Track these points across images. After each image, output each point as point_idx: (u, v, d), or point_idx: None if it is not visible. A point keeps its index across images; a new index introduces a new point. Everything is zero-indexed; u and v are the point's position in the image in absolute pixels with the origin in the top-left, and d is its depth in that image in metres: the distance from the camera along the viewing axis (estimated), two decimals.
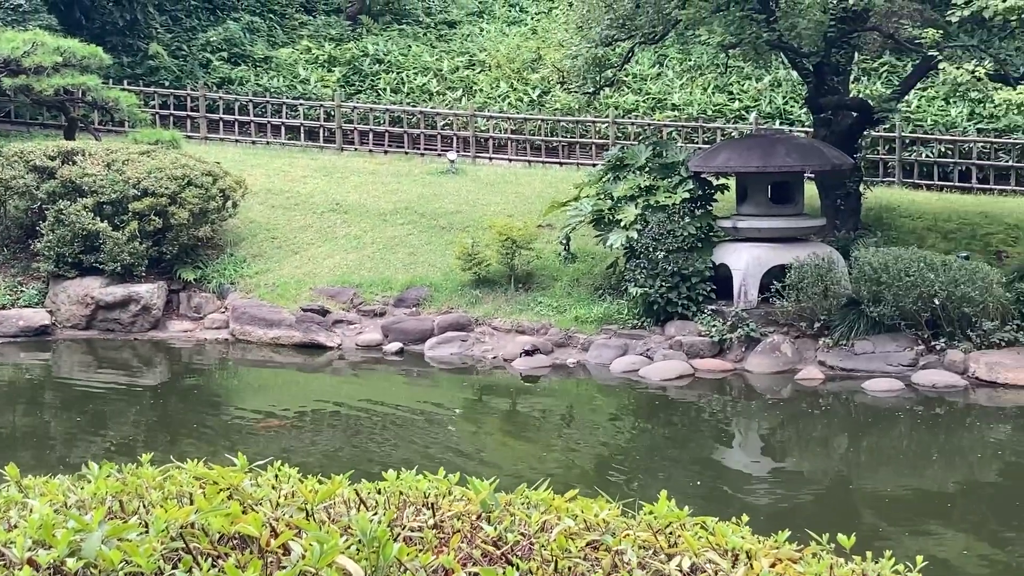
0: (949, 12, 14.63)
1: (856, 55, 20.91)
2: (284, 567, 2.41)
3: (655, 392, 14.84)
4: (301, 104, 27.67)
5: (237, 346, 17.57)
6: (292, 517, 2.74)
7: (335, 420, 13.66)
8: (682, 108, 26.39)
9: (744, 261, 16.29)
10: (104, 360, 17.05)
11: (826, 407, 14.05)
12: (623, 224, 16.61)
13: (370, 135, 27.28)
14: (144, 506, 2.89)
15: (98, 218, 18.33)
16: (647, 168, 17.17)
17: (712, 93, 26.72)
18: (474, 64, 29.60)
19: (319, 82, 29.11)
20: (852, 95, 19.83)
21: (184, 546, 2.50)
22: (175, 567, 2.44)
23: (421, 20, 32.23)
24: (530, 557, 2.64)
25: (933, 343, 15.06)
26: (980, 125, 24.35)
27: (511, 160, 26.37)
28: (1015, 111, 22.92)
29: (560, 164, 25.91)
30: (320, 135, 27.29)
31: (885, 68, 26.46)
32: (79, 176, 18.63)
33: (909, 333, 15.26)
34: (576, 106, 25.25)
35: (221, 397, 15.53)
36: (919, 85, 23.77)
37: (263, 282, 18.82)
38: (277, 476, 3.25)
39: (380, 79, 29.36)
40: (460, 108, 27.51)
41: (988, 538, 9.59)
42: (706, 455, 12.32)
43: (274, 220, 20.68)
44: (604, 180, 17.53)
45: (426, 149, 27.00)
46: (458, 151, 25.63)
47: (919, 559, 2.90)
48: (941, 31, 15.85)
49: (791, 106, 25.76)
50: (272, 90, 28.68)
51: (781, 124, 24.94)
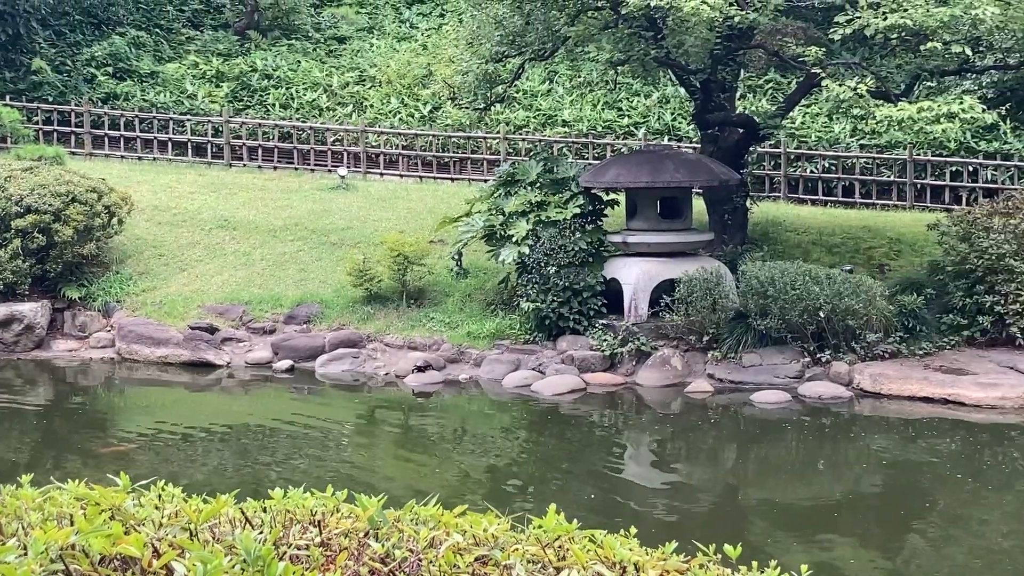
0: (832, 30, 14.93)
1: (742, 72, 21.22)
2: None
3: (547, 407, 14.88)
4: (188, 119, 27.32)
5: (124, 365, 17.26)
6: (175, 537, 2.69)
7: (224, 439, 13.47)
8: (572, 124, 26.58)
9: (634, 275, 16.43)
10: None
11: (715, 419, 14.21)
12: (515, 239, 16.66)
13: (259, 151, 27.04)
14: (23, 528, 2.82)
15: None
16: (538, 184, 17.25)
17: (602, 109, 26.96)
18: (364, 80, 29.51)
19: (207, 97, 28.79)
20: (738, 112, 20.14)
21: (64, 568, 2.44)
22: None
23: (310, 35, 32.06)
24: (418, 573, 2.62)
25: (819, 355, 15.32)
26: (863, 141, 24.89)
27: (402, 176, 26.31)
28: (896, 127, 23.36)
29: (452, 180, 25.92)
30: (208, 151, 26.99)
31: (770, 85, 26.93)
32: None
33: (795, 346, 15.51)
34: (467, 122, 25.34)
35: (106, 417, 15.22)
36: (803, 102, 24.24)
37: (150, 300, 18.53)
38: (160, 496, 3.18)
39: (269, 94, 29.14)
40: (351, 124, 27.42)
41: (874, 546, 9.77)
42: (599, 469, 12.37)
43: (161, 237, 20.38)
44: (495, 196, 17.57)
45: (316, 165, 26.83)
46: (349, 167, 25.50)
47: (804, 568, 2.93)
48: (824, 49, 16.15)
49: (679, 122, 26.09)
50: (159, 105, 28.29)
51: (670, 140, 25.23)
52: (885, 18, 14.12)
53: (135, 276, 19.21)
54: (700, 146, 19.72)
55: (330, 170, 25.94)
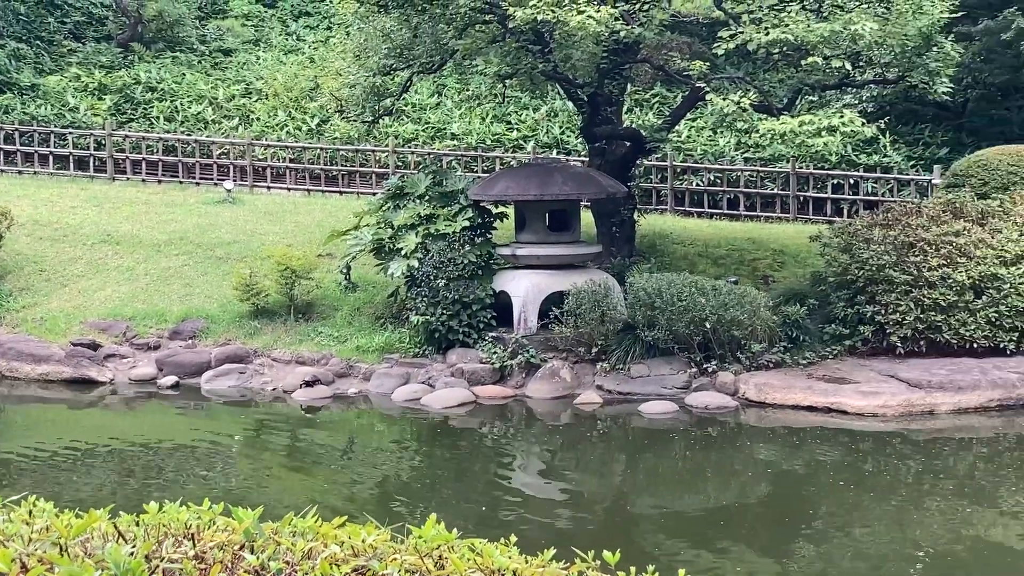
0: (716, 45, 15.13)
1: (629, 86, 21.43)
2: None
3: (437, 420, 14.84)
4: (70, 133, 26.81)
5: (3, 383, 16.84)
6: (45, 552, 2.61)
7: (106, 458, 13.19)
8: (462, 137, 26.60)
9: (524, 288, 16.47)
10: None
11: (604, 430, 14.29)
12: (404, 253, 16.61)
13: (143, 164, 26.63)
14: None
15: None
16: (427, 197, 17.22)
17: (491, 122, 27.03)
18: (251, 92, 29.23)
19: (89, 110, 28.28)
20: (625, 125, 20.31)
21: None
22: None
23: (195, 48, 31.65)
24: None
25: (705, 366, 15.50)
26: (747, 155, 25.28)
27: (290, 189, 26.10)
28: (779, 141, 23.77)
29: (340, 193, 25.78)
30: (91, 164, 26.51)
31: (657, 99, 27.24)
32: None
33: (682, 356, 15.67)
34: (355, 135, 25.22)
35: None
36: (689, 116, 24.58)
37: (30, 316, 18.12)
38: (31, 512, 3.10)
39: (153, 107, 28.72)
40: (237, 137, 27.12)
41: (760, 552, 9.88)
42: (489, 481, 12.36)
43: (42, 252, 19.95)
44: (384, 209, 17.50)
45: (202, 178, 26.49)
46: (235, 180, 25.24)
47: (681, 572, 2.94)
48: (709, 64, 16.38)
49: (568, 136, 26.26)
50: (40, 118, 27.72)
51: (558, 153, 25.37)
52: (767, 33, 14.35)
53: (15, 292, 18.78)
54: (588, 159, 19.86)
55: (216, 184, 25.64)
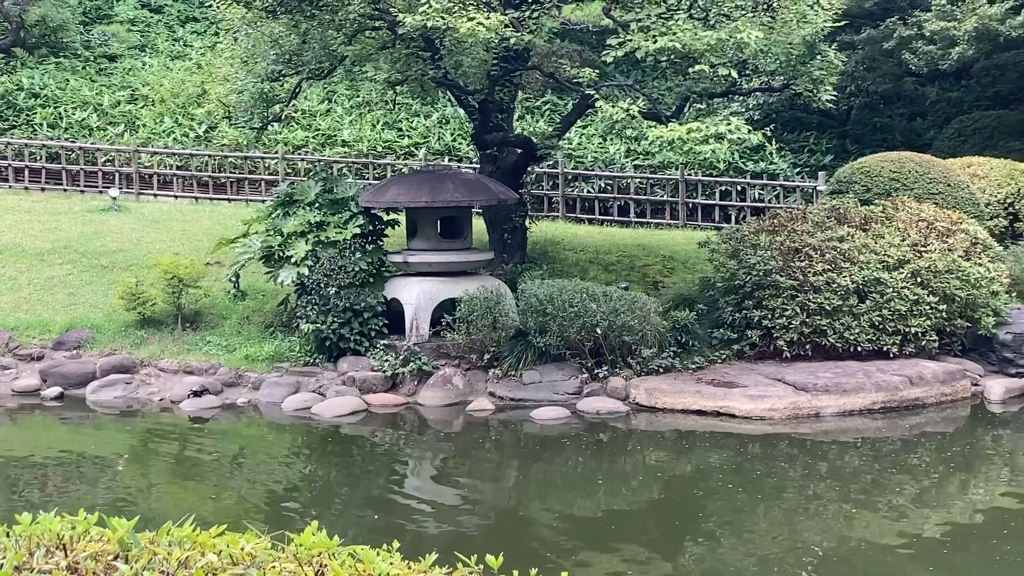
0: (605, 53, 15.22)
1: (520, 93, 21.49)
2: None
3: (328, 429, 14.71)
4: None
5: None
6: None
7: None
8: (352, 144, 26.47)
9: (415, 295, 16.41)
10: None
11: (497, 437, 14.29)
12: (294, 260, 16.45)
13: (26, 172, 26.07)
14: None
15: None
16: (317, 204, 17.08)
17: (382, 129, 26.93)
18: (136, 99, 28.75)
19: None
20: (516, 132, 20.37)
21: None
22: None
23: (80, 53, 31.03)
24: None
25: (597, 371, 15.58)
26: (637, 162, 25.51)
27: (177, 196, 25.74)
28: (668, 148, 24.08)
29: (229, 200, 25.49)
30: None
31: (548, 106, 27.38)
32: None
33: (574, 362, 15.73)
34: (244, 141, 24.92)
35: None
36: (579, 123, 24.73)
37: None
38: None
39: (36, 113, 28.10)
40: (122, 143, 26.66)
41: (651, 555, 9.95)
42: (381, 488, 12.28)
43: None
44: (274, 216, 17.31)
45: (87, 186, 26.02)
46: (121, 188, 24.82)
47: (564, 574, 2.93)
48: (598, 71, 16.48)
49: (459, 142, 26.25)
50: None
51: (450, 160, 25.36)
52: (655, 41, 14.48)
53: None
54: (480, 166, 19.86)
55: (101, 191, 25.19)
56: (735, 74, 15.70)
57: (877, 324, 15.94)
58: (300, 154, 26.13)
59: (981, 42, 24.16)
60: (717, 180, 24.64)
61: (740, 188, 24.59)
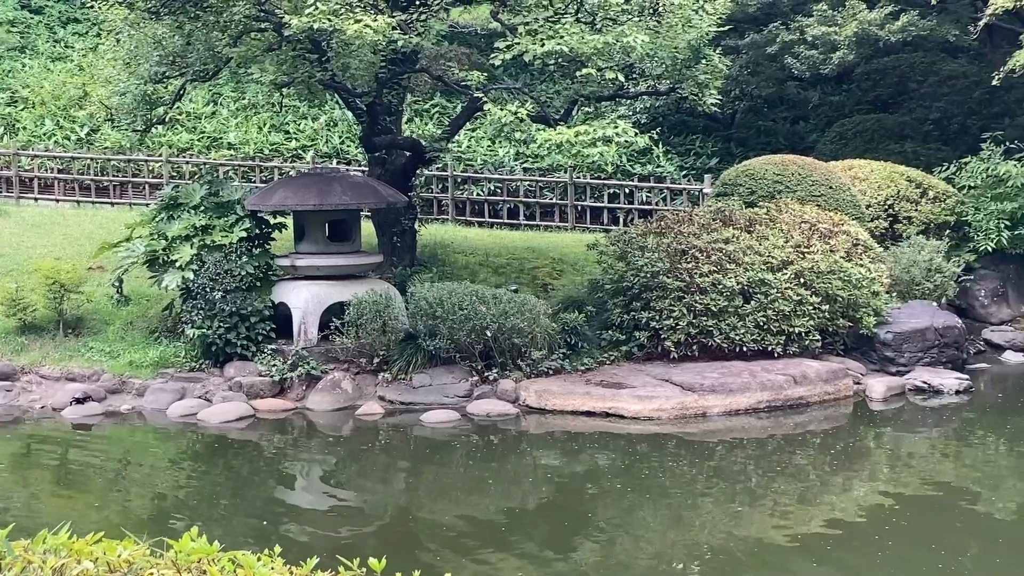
0: (493, 56, 15.22)
1: (408, 96, 21.43)
2: None
3: (215, 435, 14.51)
4: None
5: None
6: None
7: None
8: (239, 147, 26.18)
9: (303, 299, 16.27)
10: None
11: (386, 441, 14.22)
12: (178, 264, 16.19)
13: None
14: None
15: None
16: (202, 207, 16.84)
17: (269, 132, 26.68)
18: (16, 101, 28.12)
19: None
20: (405, 135, 20.31)
21: None
22: None
23: None
24: None
25: (487, 374, 15.58)
26: (526, 165, 25.61)
27: (59, 200, 25.24)
28: (556, 151, 24.16)
29: (112, 204, 25.06)
30: None
31: (436, 109, 27.36)
32: None
33: (464, 365, 15.72)
34: (127, 144, 24.53)
35: None
36: (469, 126, 24.76)
37: None
38: None
39: None
40: (2, 147, 26.05)
41: (541, 557, 9.97)
42: (269, 495, 12.15)
43: None
44: (158, 220, 17.03)
45: None
46: (0, 192, 24.22)
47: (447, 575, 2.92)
48: (486, 74, 16.49)
49: (348, 145, 26.12)
50: None
51: (338, 163, 25.22)
52: (543, 44, 14.52)
53: None
54: (368, 169, 19.76)
55: None
56: (622, 78, 15.81)
57: (762, 324, 16.18)
58: (185, 157, 25.77)
59: (861, 47, 24.71)
60: (605, 183, 24.84)
61: (628, 191, 24.80)
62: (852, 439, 14.36)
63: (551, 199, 25.04)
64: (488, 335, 15.36)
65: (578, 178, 24.82)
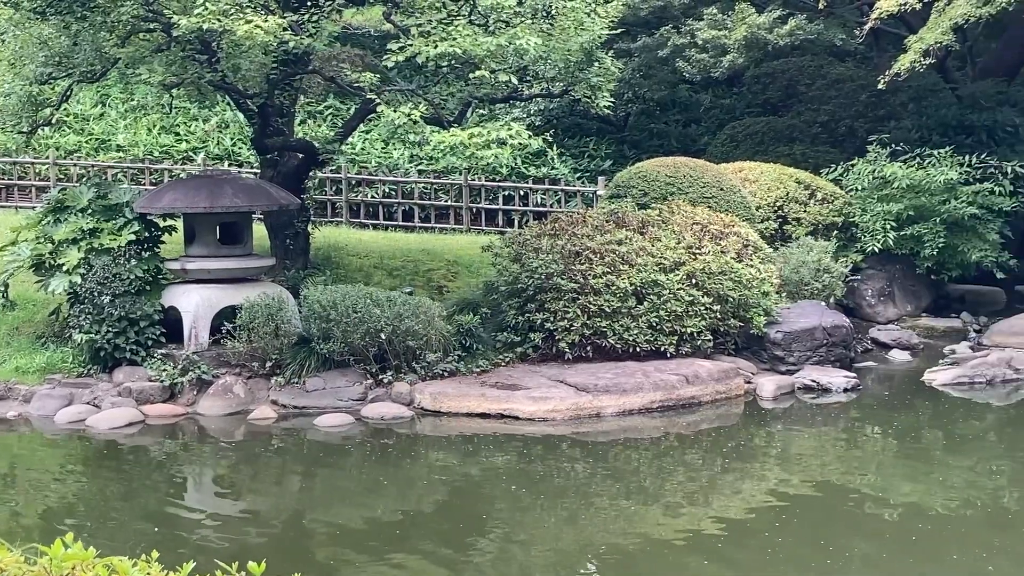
0: (386, 58, 15.16)
1: (301, 97, 21.27)
2: None
3: (104, 441, 14.26)
4: None
5: None
6: None
7: None
8: (127, 149, 25.77)
9: (194, 303, 16.06)
10: None
11: (279, 445, 14.08)
12: (65, 268, 15.89)
13: None
14: None
15: None
16: (90, 210, 16.53)
17: (158, 134, 26.29)
18: None
19: None
20: (298, 137, 20.14)
21: None
22: None
23: None
24: None
25: (381, 377, 15.52)
26: (421, 167, 25.55)
27: None
28: (450, 153, 24.22)
29: None
30: None
31: (330, 111, 27.18)
32: None
33: (359, 368, 15.64)
34: (12, 147, 24.02)
35: None
36: (363, 128, 24.66)
37: None
38: None
39: None
40: None
41: (434, 558, 9.97)
42: (161, 501, 11.98)
43: None
44: (44, 223, 16.68)
45: None
46: None
47: None
48: (380, 76, 16.42)
49: (240, 147, 25.84)
50: None
51: (230, 165, 24.93)
52: (436, 47, 14.49)
53: None
54: (261, 171, 19.57)
55: None
56: (516, 80, 15.86)
57: (655, 325, 16.32)
58: (73, 159, 25.29)
59: (751, 50, 25.08)
60: (500, 185, 24.89)
61: (523, 192, 24.89)
62: (743, 438, 14.55)
63: (446, 201, 25.02)
64: (383, 338, 15.30)
65: (473, 180, 24.84)
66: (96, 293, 15.62)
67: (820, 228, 20.76)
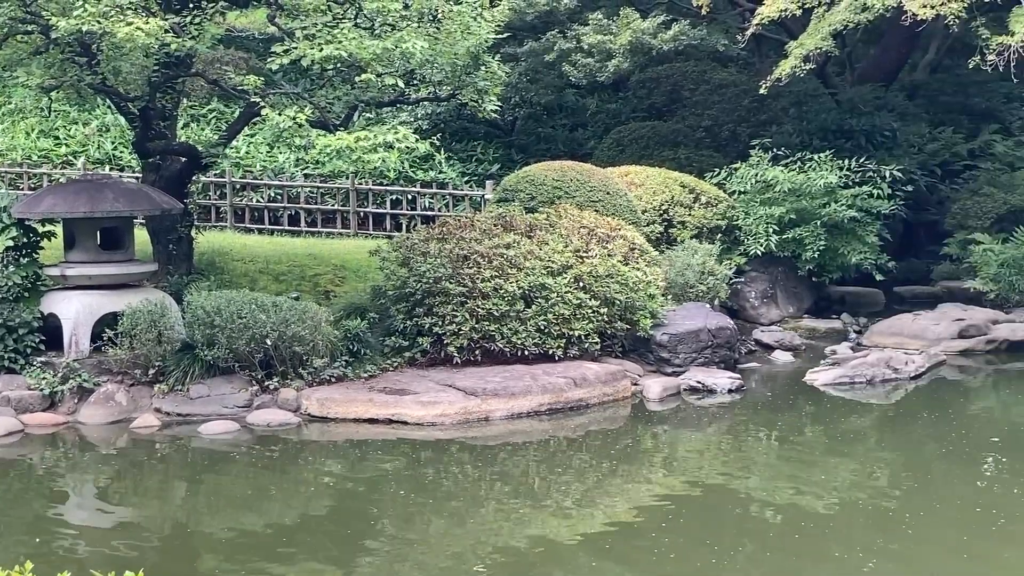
0: (270, 60, 15.01)
1: (184, 100, 20.96)
2: None
3: None
4: None
5: None
6: None
7: None
8: (5, 153, 25.19)
9: (74, 310, 15.72)
10: None
11: (162, 454, 13.85)
12: None
13: None
14: None
15: None
16: None
17: (37, 137, 25.76)
18: None
19: None
20: (181, 140, 19.84)
21: None
22: None
23: None
24: None
25: (267, 383, 15.34)
26: (307, 171, 25.35)
27: None
28: (336, 157, 24.02)
29: None
30: None
31: (214, 114, 26.84)
32: None
33: (244, 374, 15.44)
34: None
35: None
36: (248, 131, 24.36)
37: None
38: None
39: None
40: None
41: (322, 565, 9.88)
42: (41, 513, 11.71)
43: None
44: None
45: None
46: None
47: None
48: (264, 79, 16.24)
49: (121, 151, 25.40)
50: None
51: (112, 169, 24.49)
52: (321, 50, 14.38)
53: None
54: (142, 175, 19.22)
55: None
56: (402, 84, 15.80)
57: (543, 328, 16.38)
58: None
59: (635, 55, 25.34)
60: (388, 188, 24.78)
61: (411, 197, 24.82)
62: (630, 440, 14.66)
63: (333, 205, 24.85)
64: (268, 344, 15.13)
65: (360, 184, 24.70)
66: None
67: (705, 231, 21.02)
